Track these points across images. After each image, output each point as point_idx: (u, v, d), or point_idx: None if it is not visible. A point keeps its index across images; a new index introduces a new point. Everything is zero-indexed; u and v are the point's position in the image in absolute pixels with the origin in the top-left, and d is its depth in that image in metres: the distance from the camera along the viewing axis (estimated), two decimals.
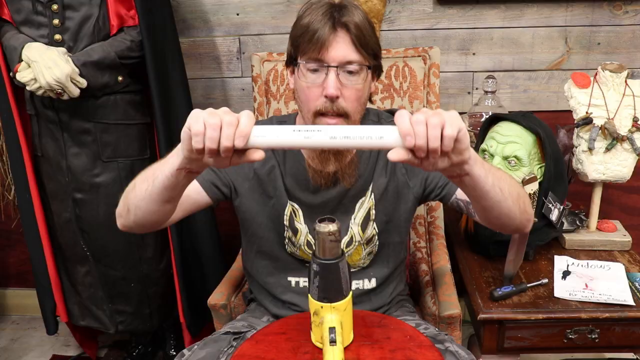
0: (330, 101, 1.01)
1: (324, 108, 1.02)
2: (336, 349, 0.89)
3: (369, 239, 1.21)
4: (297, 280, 1.24)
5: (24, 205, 1.71)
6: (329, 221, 0.90)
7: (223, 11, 1.87)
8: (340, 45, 0.99)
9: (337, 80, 1.00)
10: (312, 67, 1.01)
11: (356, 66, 1.01)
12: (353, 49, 1.00)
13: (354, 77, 1.02)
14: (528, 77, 1.88)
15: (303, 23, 1.01)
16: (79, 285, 1.76)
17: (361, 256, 1.22)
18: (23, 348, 2.14)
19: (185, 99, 1.72)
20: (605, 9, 1.79)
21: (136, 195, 0.97)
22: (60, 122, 1.56)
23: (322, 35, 0.98)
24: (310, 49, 0.99)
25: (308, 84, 1.02)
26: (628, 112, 1.48)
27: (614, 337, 1.32)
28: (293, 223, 1.19)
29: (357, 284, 1.23)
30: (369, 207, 1.19)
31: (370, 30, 1.03)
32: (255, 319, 1.28)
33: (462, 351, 1.10)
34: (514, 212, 0.98)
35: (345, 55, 1.00)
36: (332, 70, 0.99)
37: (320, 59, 1.00)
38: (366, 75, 1.04)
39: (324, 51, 0.99)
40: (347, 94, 1.02)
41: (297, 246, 1.21)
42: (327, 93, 1.00)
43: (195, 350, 1.14)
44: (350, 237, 1.19)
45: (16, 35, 1.49)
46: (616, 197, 1.97)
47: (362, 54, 1.01)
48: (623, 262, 1.48)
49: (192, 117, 0.79)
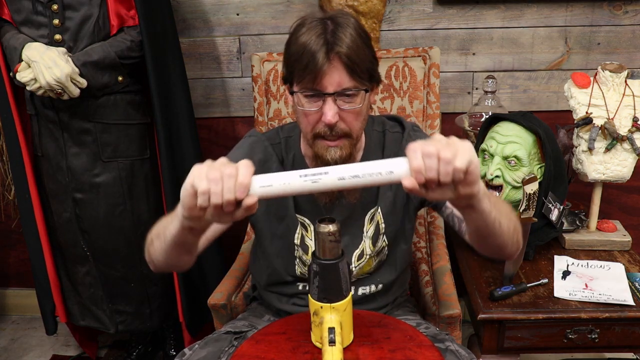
0: (329, 127, 1.01)
1: (324, 132, 1.02)
2: (335, 349, 0.89)
3: (379, 250, 1.20)
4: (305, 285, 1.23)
5: (23, 205, 1.71)
6: (329, 221, 0.90)
7: (223, 11, 1.87)
8: (335, 74, 0.98)
9: (335, 107, 1.00)
10: (309, 94, 1.01)
11: (352, 91, 1.00)
12: (347, 77, 0.99)
13: (352, 101, 1.01)
14: (528, 77, 1.88)
15: (297, 45, 0.99)
16: (79, 285, 1.76)
17: (371, 267, 1.21)
18: (23, 348, 2.14)
19: (185, 99, 1.72)
20: (605, 9, 1.79)
21: (155, 250, 1.00)
22: (60, 122, 1.56)
23: (316, 65, 0.96)
24: (305, 78, 0.99)
25: (306, 110, 1.02)
26: (628, 112, 1.48)
27: (613, 337, 1.32)
28: (304, 241, 1.18)
29: (364, 290, 1.22)
30: (377, 220, 1.18)
31: (363, 49, 1.00)
32: (256, 318, 1.28)
33: (462, 351, 1.10)
34: (506, 244, 0.99)
35: (340, 82, 0.99)
36: (329, 98, 0.99)
37: (315, 88, 0.99)
38: (363, 96, 1.03)
39: (319, 80, 0.98)
40: (346, 117, 1.02)
41: (307, 265, 1.19)
42: (325, 121, 1.00)
43: (196, 350, 1.14)
44: (361, 250, 1.19)
45: (16, 35, 1.49)
46: (616, 197, 1.97)
47: (357, 79, 1.00)
48: (623, 262, 1.48)
49: (195, 176, 0.78)
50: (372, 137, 1.18)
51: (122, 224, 1.66)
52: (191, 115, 1.73)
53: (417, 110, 1.63)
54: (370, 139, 1.18)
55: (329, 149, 1.04)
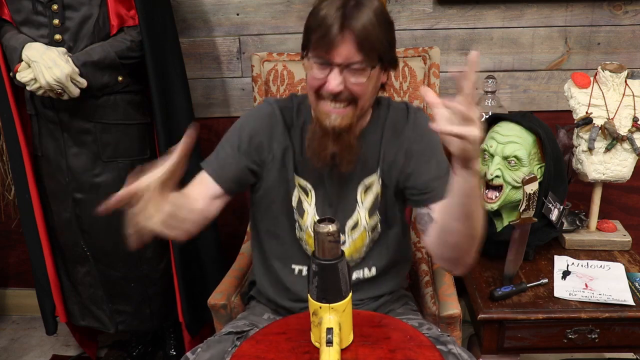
0: (332, 95, 1.07)
1: (327, 95, 1.08)
2: (332, 349, 0.89)
3: (374, 226, 1.23)
4: (300, 269, 1.25)
5: (23, 205, 1.71)
6: (329, 222, 0.90)
7: (223, 11, 1.87)
8: (345, 47, 1.04)
9: (340, 77, 1.06)
10: (319, 62, 1.07)
11: (359, 65, 1.06)
12: (356, 51, 1.04)
13: (358, 75, 1.07)
14: (528, 77, 1.88)
15: (318, 16, 1.06)
16: (79, 285, 1.76)
17: (364, 243, 1.23)
18: (23, 348, 2.14)
19: (185, 99, 1.71)
20: (605, 9, 1.79)
21: None
22: (60, 122, 1.56)
23: (330, 36, 1.03)
24: (319, 47, 1.06)
25: (315, 75, 1.09)
26: (628, 112, 1.48)
27: (613, 337, 1.32)
28: (301, 205, 1.22)
29: (358, 274, 1.24)
30: (377, 193, 1.21)
31: (378, 31, 1.06)
32: (255, 316, 1.29)
33: (464, 354, 1.10)
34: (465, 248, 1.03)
35: (348, 56, 1.05)
36: (335, 68, 1.06)
37: (326, 57, 1.06)
38: (370, 73, 1.08)
39: (330, 51, 1.04)
40: (351, 87, 1.08)
41: (303, 230, 1.23)
42: (328, 89, 1.07)
43: (200, 353, 1.13)
44: (355, 221, 1.21)
45: (16, 35, 1.49)
46: (616, 197, 1.97)
47: (365, 55, 1.05)
48: (623, 262, 1.48)
49: None
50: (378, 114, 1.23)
51: (122, 224, 1.65)
52: (191, 115, 1.73)
53: None
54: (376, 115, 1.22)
55: (330, 115, 1.09)
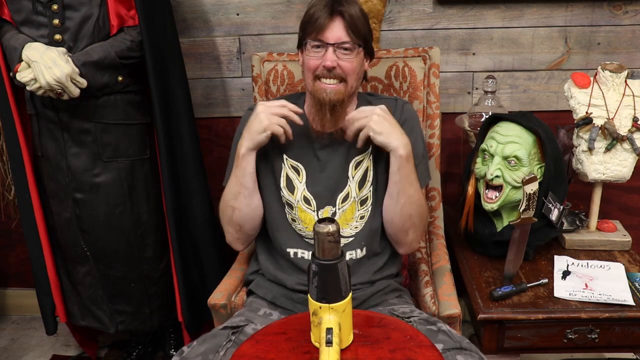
0: (328, 70, 1.25)
1: (323, 74, 1.26)
2: (332, 350, 0.89)
3: (364, 199, 1.33)
4: (295, 252, 1.33)
5: (23, 205, 1.71)
6: (329, 222, 0.90)
7: (223, 11, 1.87)
8: (336, 29, 1.25)
9: (334, 55, 1.25)
10: (314, 44, 1.26)
11: (349, 45, 1.25)
12: (346, 32, 1.25)
13: (348, 54, 1.26)
14: (528, 77, 1.88)
15: (309, 13, 1.27)
16: (79, 285, 1.76)
17: (354, 215, 1.32)
18: (23, 348, 2.14)
19: (185, 99, 1.72)
20: (605, 9, 1.79)
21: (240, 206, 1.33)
22: (60, 122, 1.56)
23: (322, 21, 1.24)
24: (314, 32, 1.25)
25: (311, 57, 1.27)
26: (628, 112, 1.48)
27: (613, 337, 1.32)
28: (291, 183, 1.33)
29: (350, 255, 1.32)
30: (367, 167, 1.33)
31: (362, 20, 1.27)
32: (252, 312, 1.30)
33: (454, 331, 1.17)
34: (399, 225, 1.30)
35: (339, 36, 1.25)
36: (330, 47, 1.25)
37: (320, 39, 1.25)
38: (358, 53, 1.27)
39: (323, 33, 1.24)
40: (343, 65, 1.26)
41: (295, 206, 1.32)
42: (325, 64, 1.25)
43: (195, 347, 1.15)
44: (346, 193, 1.32)
45: (16, 35, 1.49)
46: (616, 197, 1.97)
47: (353, 37, 1.25)
48: (623, 262, 1.48)
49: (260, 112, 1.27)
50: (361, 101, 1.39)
51: (122, 224, 1.66)
52: (191, 115, 1.73)
53: (417, 110, 1.63)
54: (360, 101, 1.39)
55: (326, 90, 1.26)
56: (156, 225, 1.71)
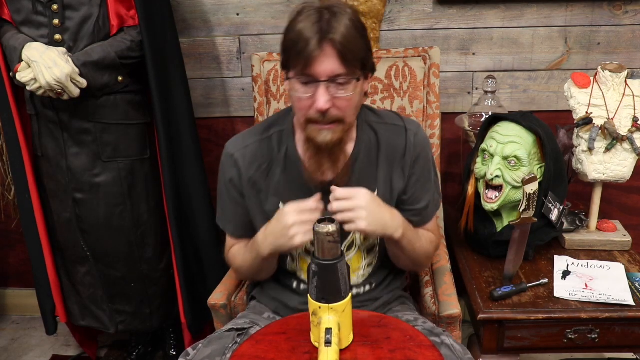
0: (321, 114, 1.04)
1: (316, 118, 1.05)
2: (331, 350, 0.89)
3: (370, 247, 1.23)
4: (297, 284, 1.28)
5: (23, 205, 1.71)
6: (328, 222, 0.90)
7: (223, 11, 1.87)
8: (328, 60, 1.00)
9: (327, 94, 1.02)
10: (302, 80, 1.03)
11: (344, 79, 1.02)
12: (339, 64, 1.01)
13: (344, 88, 1.03)
14: (528, 77, 1.88)
15: (294, 32, 1.02)
16: (79, 285, 1.76)
17: (361, 265, 1.24)
18: (23, 348, 2.14)
19: (185, 99, 1.71)
20: (605, 9, 1.79)
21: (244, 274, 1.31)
22: (60, 122, 1.56)
23: (310, 52, 0.99)
24: (300, 64, 1.01)
25: (300, 95, 1.04)
26: (628, 112, 1.48)
27: (613, 337, 1.32)
28: None
29: (358, 290, 1.26)
30: None
31: (357, 38, 1.03)
32: (256, 315, 1.29)
33: (457, 346, 1.13)
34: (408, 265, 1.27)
35: (332, 69, 1.01)
36: (321, 85, 1.01)
37: (308, 74, 1.01)
38: (356, 84, 1.05)
39: (312, 67, 1.00)
40: (338, 104, 1.04)
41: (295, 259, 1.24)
42: (317, 108, 1.02)
43: (201, 349, 1.14)
44: (351, 241, 1.22)
45: (16, 35, 1.49)
46: (616, 197, 1.97)
47: (349, 67, 1.02)
48: (623, 262, 1.48)
49: None
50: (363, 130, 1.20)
51: (122, 224, 1.66)
52: (191, 115, 1.73)
53: (417, 110, 1.63)
54: (362, 131, 1.19)
55: (321, 131, 1.06)
56: (156, 226, 1.71)
